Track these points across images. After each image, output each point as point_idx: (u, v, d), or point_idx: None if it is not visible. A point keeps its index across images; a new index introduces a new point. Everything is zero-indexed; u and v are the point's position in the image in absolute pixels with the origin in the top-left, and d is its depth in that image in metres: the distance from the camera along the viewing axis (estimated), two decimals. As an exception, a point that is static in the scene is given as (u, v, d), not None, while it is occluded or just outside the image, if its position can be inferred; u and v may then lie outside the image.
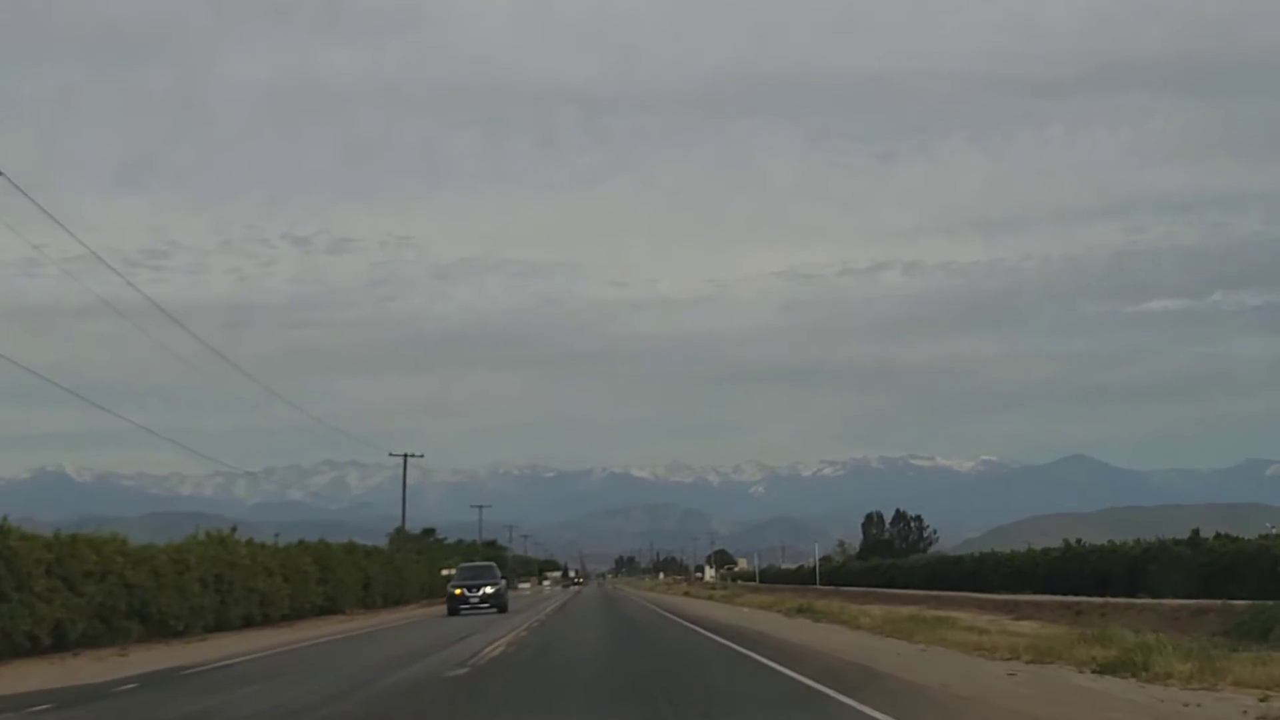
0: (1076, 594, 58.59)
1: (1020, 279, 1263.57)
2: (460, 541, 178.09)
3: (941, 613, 49.74)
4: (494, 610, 68.22)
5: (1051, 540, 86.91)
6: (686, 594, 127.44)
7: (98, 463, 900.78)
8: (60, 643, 37.67)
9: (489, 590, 70.87)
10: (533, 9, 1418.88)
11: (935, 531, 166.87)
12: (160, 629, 45.64)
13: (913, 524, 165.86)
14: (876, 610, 53.61)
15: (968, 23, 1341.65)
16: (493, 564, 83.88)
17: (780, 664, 26.01)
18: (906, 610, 51.44)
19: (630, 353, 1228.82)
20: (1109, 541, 68.26)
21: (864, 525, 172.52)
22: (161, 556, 47.35)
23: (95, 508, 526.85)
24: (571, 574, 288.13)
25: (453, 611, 68.13)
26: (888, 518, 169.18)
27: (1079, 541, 71.86)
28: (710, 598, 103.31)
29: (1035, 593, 64.65)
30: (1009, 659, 26.48)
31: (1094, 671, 22.59)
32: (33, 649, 35.83)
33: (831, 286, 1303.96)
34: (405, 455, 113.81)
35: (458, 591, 70.48)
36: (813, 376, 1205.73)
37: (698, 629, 45.05)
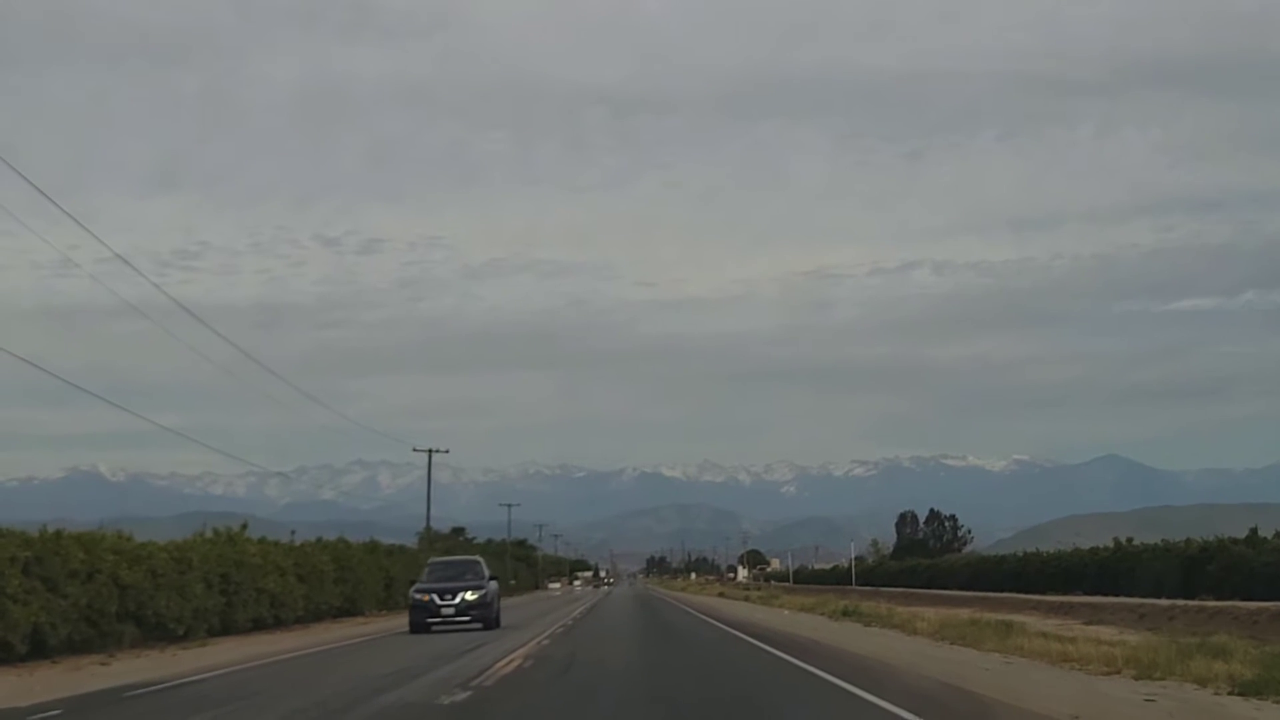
0: (1128, 595, 56.38)
1: (1051, 278, 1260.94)
2: (490, 541, 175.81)
3: (999, 616, 46.54)
4: (478, 626, 49.51)
5: (1085, 540, 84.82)
6: (721, 595, 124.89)
7: (131, 463, 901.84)
8: (40, 649, 34.34)
9: (470, 597, 50.46)
10: (559, 11, 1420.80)
11: (970, 531, 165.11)
12: (158, 633, 42.37)
13: (947, 523, 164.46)
14: (929, 613, 50.70)
15: (995, 22, 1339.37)
16: (478, 559, 58.87)
17: (853, 684, 21.98)
18: (964, 614, 48.52)
19: (659, 352, 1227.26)
20: (1161, 541, 65.92)
21: (897, 525, 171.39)
22: (161, 555, 44.06)
23: (129, 508, 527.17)
24: (602, 574, 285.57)
25: (417, 627, 49.82)
26: (921, 517, 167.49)
27: (1129, 540, 69.55)
28: (746, 599, 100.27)
29: (1085, 594, 62.29)
30: (1109, 674, 23.05)
31: (1234, 693, 19.01)
32: (4, 657, 32.48)
33: (861, 286, 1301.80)
34: (430, 450, 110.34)
35: (424, 598, 50.38)
36: (843, 376, 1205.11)
37: (742, 635, 41.55)
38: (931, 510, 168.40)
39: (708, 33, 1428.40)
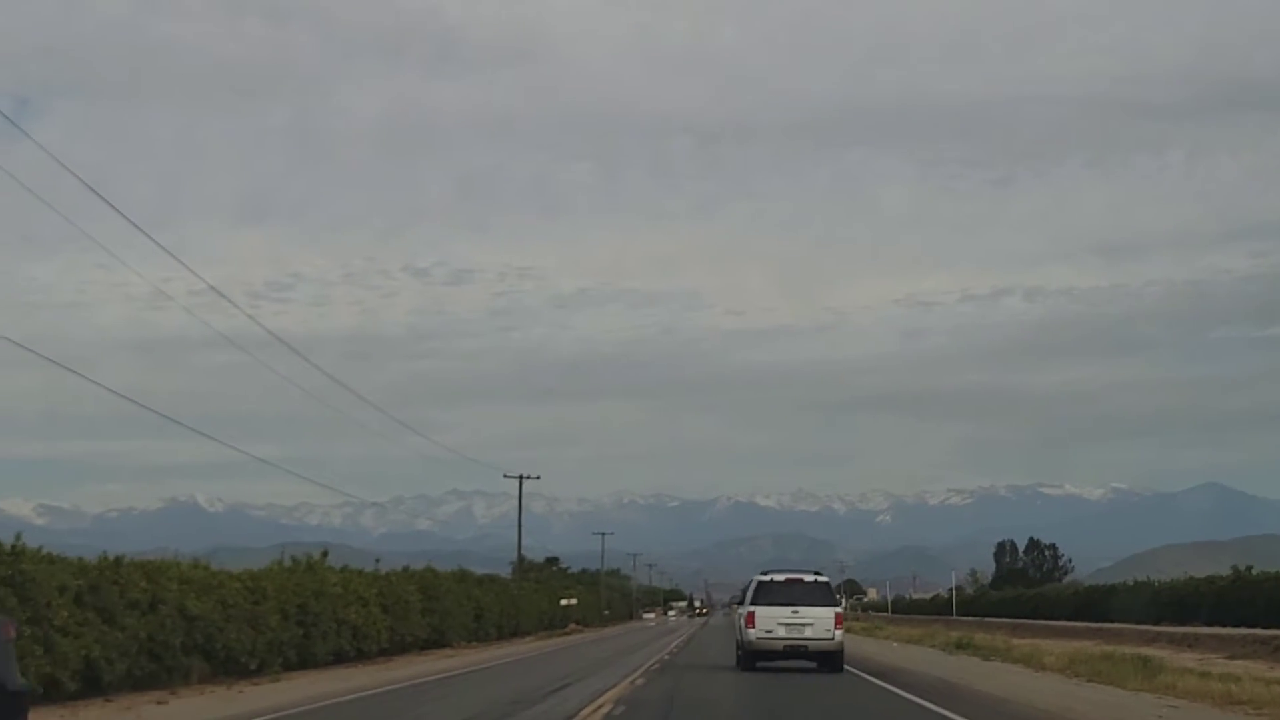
0: (1250, 625, 54.58)
1: (1143, 305, 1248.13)
2: (584, 570, 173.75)
3: (1128, 649, 43.72)
4: None
5: (1187, 570, 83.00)
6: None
7: (229, 493, 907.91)
8: (94, 685, 31.84)
9: None
10: (642, 40, 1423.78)
11: (1070, 560, 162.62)
12: (229, 667, 39.85)
13: (1047, 553, 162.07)
14: (1050, 646, 48.06)
15: (1079, 47, 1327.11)
16: None
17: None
18: (1090, 647, 45.77)
19: (750, 381, 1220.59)
20: (1282, 569, 63.61)
21: (996, 554, 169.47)
22: (233, 584, 41.62)
23: (226, 538, 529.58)
24: (696, 604, 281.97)
25: None
26: (1019, 546, 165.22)
27: (1249, 569, 66.90)
28: (849, 630, 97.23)
29: (1203, 624, 59.88)
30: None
31: None
32: (50, 694, 29.95)
33: (952, 313, 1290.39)
34: (520, 477, 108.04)
35: None
36: (937, 403, 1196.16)
37: (860, 673, 38.80)
38: (1031, 539, 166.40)
39: (791, 60, 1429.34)
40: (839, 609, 41.53)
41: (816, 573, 42.85)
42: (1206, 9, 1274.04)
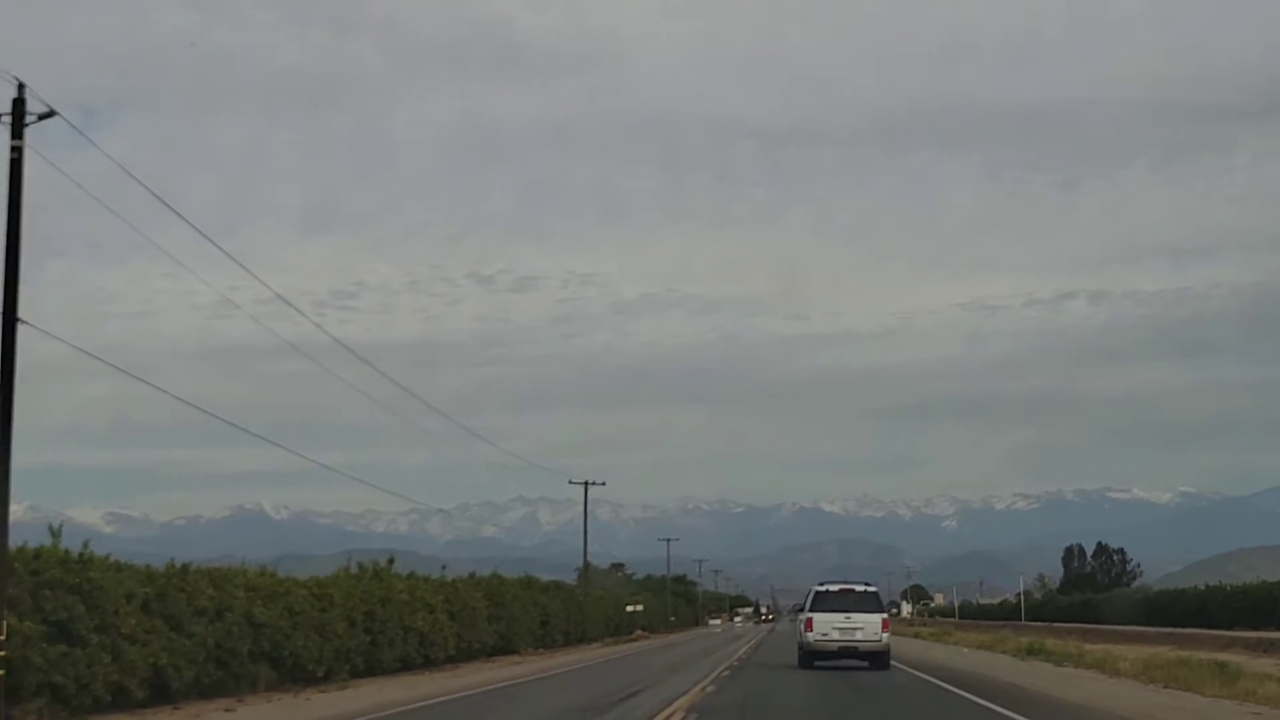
0: None
1: (1210, 307, 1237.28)
2: (649, 576, 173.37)
3: (1204, 655, 43.07)
4: None
5: (1260, 574, 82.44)
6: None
7: (295, 501, 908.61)
8: (162, 693, 31.76)
9: None
10: (705, 45, 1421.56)
11: (1139, 565, 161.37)
12: (296, 674, 39.74)
13: (1115, 557, 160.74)
14: (1124, 651, 47.57)
15: (1143, 50, 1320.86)
16: None
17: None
18: (1164, 652, 45.25)
19: (815, 386, 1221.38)
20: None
21: (1064, 559, 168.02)
22: (299, 591, 41.51)
23: (292, 545, 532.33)
24: (763, 610, 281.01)
25: None
26: (1086, 551, 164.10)
27: (1318, 573, 66.37)
28: (917, 635, 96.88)
29: (1276, 629, 59.20)
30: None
31: None
32: (118, 701, 29.87)
33: (1016, 317, 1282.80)
34: (586, 483, 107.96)
35: None
36: (1002, 408, 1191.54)
37: (932, 679, 38.53)
38: (1099, 544, 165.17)
39: (856, 65, 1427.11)
40: (885, 615, 47.77)
41: (866, 584, 49.25)
42: (1273, 9, 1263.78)
